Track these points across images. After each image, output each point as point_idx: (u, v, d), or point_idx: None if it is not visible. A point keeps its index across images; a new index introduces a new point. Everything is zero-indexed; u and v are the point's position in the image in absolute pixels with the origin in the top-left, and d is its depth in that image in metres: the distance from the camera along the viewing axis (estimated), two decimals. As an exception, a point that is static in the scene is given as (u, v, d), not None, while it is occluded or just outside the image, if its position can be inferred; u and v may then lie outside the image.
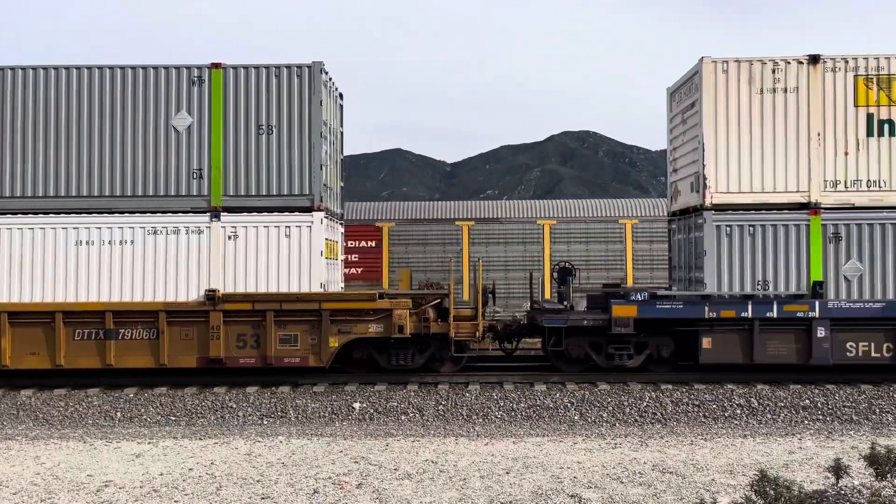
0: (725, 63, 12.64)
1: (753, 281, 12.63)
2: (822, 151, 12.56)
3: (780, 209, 12.62)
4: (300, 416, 12.15)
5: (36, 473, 8.83)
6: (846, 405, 12.05)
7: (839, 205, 12.58)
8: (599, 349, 13.29)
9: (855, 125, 12.57)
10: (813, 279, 12.51)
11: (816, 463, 8.96)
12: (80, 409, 12.36)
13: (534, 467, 8.80)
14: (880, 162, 12.54)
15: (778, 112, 12.57)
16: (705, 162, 12.63)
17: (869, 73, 12.54)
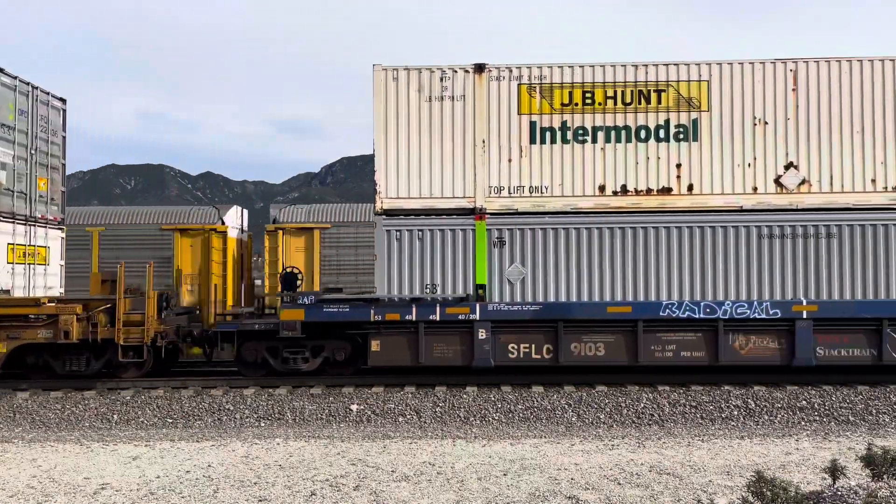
0: (396, 71, 12.85)
1: (422, 284, 12.79)
2: (486, 158, 12.80)
3: (449, 214, 12.82)
4: (297, 418, 12.14)
5: (32, 476, 8.81)
6: (843, 406, 12.08)
7: (503, 210, 12.81)
8: (276, 353, 13.34)
9: (518, 133, 12.83)
10: (477, 282, 12.71)
11: (813, 464, 8.97)
12: (77, 412, 12.34)
13: (531, 469, 8.80)
14: (542, 169, 12.80)
15: (446, 119, 12.83)
16: (376, 168, 12.86)
17: (532, 81, 12.82)
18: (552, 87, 12.78)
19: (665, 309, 12.58)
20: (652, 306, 12.63)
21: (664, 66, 12.79)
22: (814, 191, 12.68)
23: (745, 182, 12.70)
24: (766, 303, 12.57)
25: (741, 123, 12.73)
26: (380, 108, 12.85)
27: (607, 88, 12.78)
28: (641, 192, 12.74)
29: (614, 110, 12.77)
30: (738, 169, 12.70)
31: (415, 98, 12.81)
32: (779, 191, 12.68)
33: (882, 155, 12.63)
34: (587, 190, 12.77)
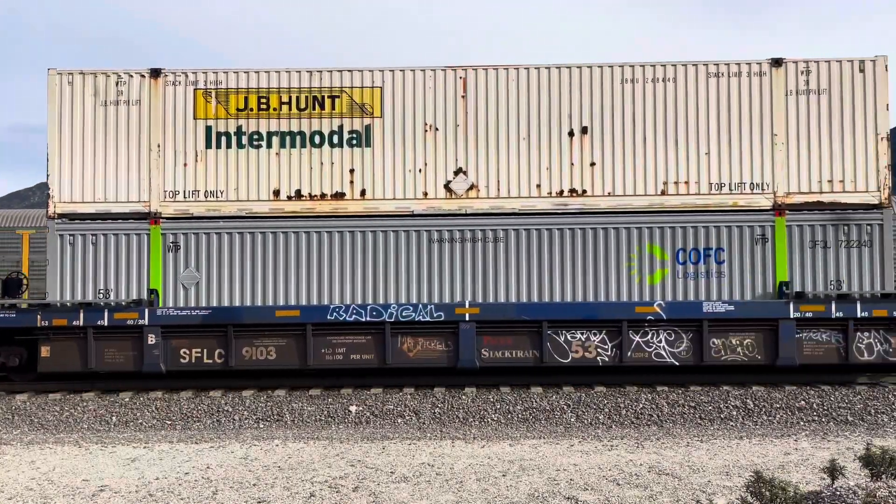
0: (71, 75, 12.92)
1: (95, 289, 12.82)
2: (162, 163, 12.90)
3: (125, 219, 12.88)
4: (296, 419, 12.14)
5: (31, 478, 8.80)
6: (841, 406, 12.09)
7: (179, 215, 12.87)
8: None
9: (195, 137, 12.92)
10: (151, 287, 12.82)
11: (812, 464, 8.98)
12: (76, 414, 12.33)
13: (530, 470, 8.80)
14: (218, 173, 12.88)
15: (121, 124, 12.91)
16: (49, 171, 12.88)
17: (208, 87, 12.93)
18: (227, 92, 12.93)
19: (333, 313, 12.67)
20: (320, 310, 12.70)
21: (338, 73, 12.95)
22: (482, 196, 12.86)
23: (417, 187, 12.87)
24: (430, 306, 12.69)
25: (413, 129, 12.89)
26: (54, 111, 12.93)
27: (282, 94, 12.93)
28: (315, 197, 12.86)
29: (289, 116, 12.92)
30: (409, 174, 12.87)
31: (90, 102, 12.92)
32: (448, 196, 12.83)
33: (547, 161, 12.79)
34: (262, 195, 12.88)
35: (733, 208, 12.71)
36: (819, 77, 12.73)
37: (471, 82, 12.87)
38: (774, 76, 12.73)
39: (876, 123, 12.65)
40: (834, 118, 12.72)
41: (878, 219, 12.61)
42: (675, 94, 12.79)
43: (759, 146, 12.74)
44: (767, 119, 12.74)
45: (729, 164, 12.73)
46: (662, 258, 12.73)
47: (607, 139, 12.80)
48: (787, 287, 12.55)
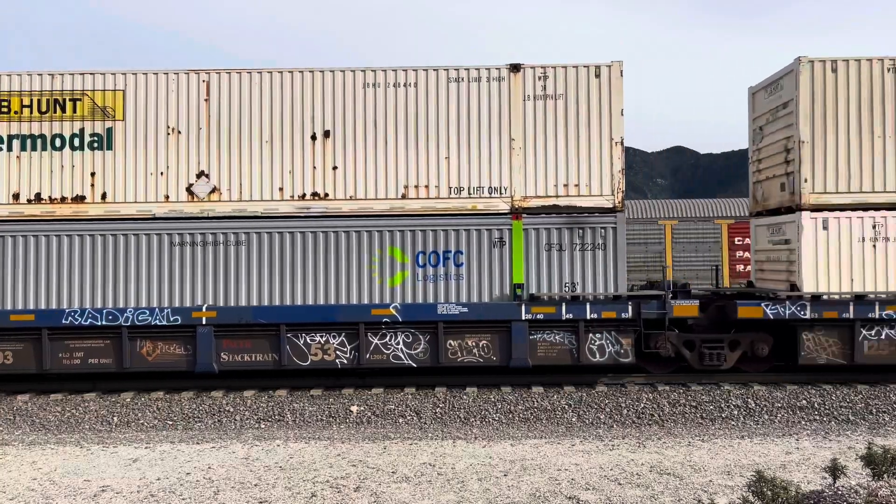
0: None
1: None
2: None
3: None
4: (297, 419, 12.14)
5: (33, 479, 8.81)
6: (843, 405, 12.08)
7: None
8: None
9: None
10: None
11: (813, 463, 8.98)
12: (77, 414, 12.34)
13: (531, 469, 8.80)
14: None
15: None
16: None
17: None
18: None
19: (68, 317, 12.61)
20: (56, 314, 12.63)
21: (80, 76, 12.89)
22: (224, 199, 12.82)
23: (159, 190, 12.82)
24: (167, 310, 12.66)
25: (155, 132, 12.84)
26: None
27: (24, 97, 12.84)
28: (56, 201, 12.77)
29: (30, 119, 12.83)
30: (151, 177, 12.82)
31: None
32: (190, 199, 12.79)
33: (290, 164, 12.82)
34: (2, 198, 12.81)
35: (472, 212, 12.78)
36: (556, 82, 12.78)
37: (214, 86, 12.88)
38: (513, 81, 12.81)
39: (611, 128, 12.74)
40: (570, 123, 12.77)
41: (611, 222, 12.70)
42: (416, 99, 12.82)
43: (497, 151, 12.79)
44: (506, 124, 12.79)
45: (468, 169, 12.80)
46: (403, 261, 12.79)
47: (349, 143, 12.83)
48: (520, 289, 12.66)
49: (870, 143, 12.72)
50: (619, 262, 12.71)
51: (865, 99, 12.74)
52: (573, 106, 12.77)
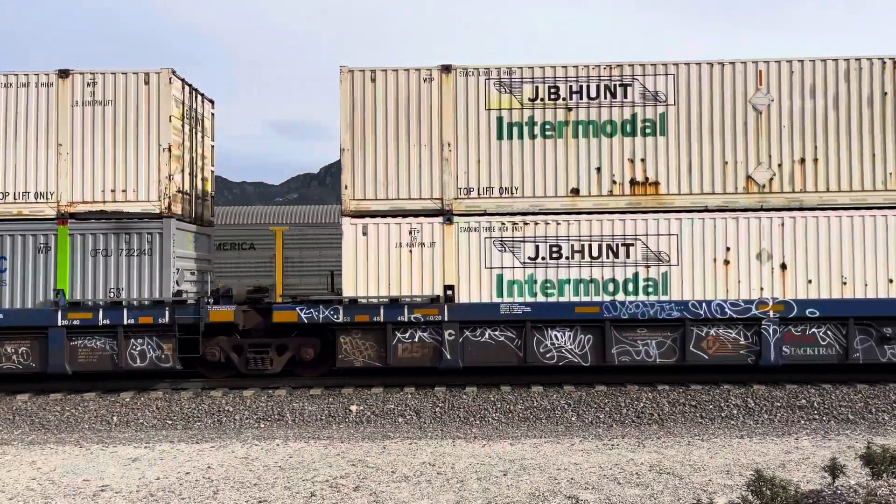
0: None
1: None
2: None
3: None
4: (297, 419, 12.14)
5: (32, 478, 8.81)
6: (842, 405, 12.08)
7: None
8: None
9: None
10: None
11: (813, 463, 8.98)
12: (77, 414, 12.34)
13: (531, 469, 8.80)
14: None
15: None
16: None
17: None
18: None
19: None
20: None
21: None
22: None
23: None
24: None
25: None
26: None
27: None
28: None
29: None
30: None
31: None
32: None
33: None
34: None
35: (18, 217, 12.83)
36: (105, 88, 12.87)
37: None
38: (61, 87, 12.89)
39: (159, 135, 12.83)
40: (119, 129, 12.85)
41: (158, 228, 12.79)
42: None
43: (45, 156, 12.88)
44: (54, 129, 12.86)
45: (14, 173, 12.87)
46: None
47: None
48: (60, 295, 12.69)
49: (407, 151, 12.79)
50: (164, 267, 12.75)
51: (403, 108, 12.82)
52: (122, 112, 12.90)
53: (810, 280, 12.64)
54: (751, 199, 12.71)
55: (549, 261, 12.72)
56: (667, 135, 12.76)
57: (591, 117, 12.77)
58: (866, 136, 12.70)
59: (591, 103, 12.81)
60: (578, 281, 12.72)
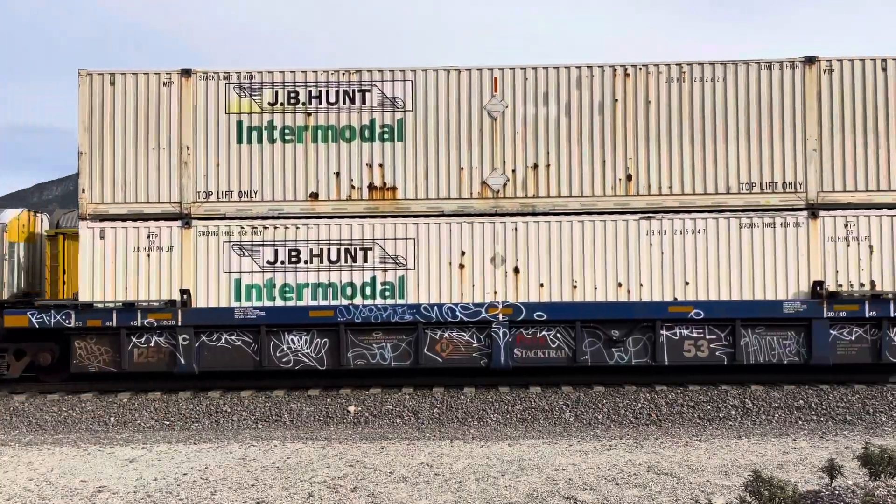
0: None
1: None
2: None
3: None
4: (295, 419, 12.13)
5: (29, 479, 8.79)
6: (840, 406, 12.09)
7: None
8: None
9: None
10: None
11: (811, 463, 8.98)
12: (74, 415, 12.31)
13: (529, 469, 8.80)
14: None
15: None
16: None
17: None
18: None
19: None
20: None
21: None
22: None
23: None
24: None
25: None
26: None
27: None
28: None
29: None
30: None
31: None
32: None
33: None
34: None
35: None
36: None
37: None
38: None
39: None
40: None
41: None
42: None
43: None
44: None
45: None
46: None
47: None
48: None
49: (146, 155, 12.80)
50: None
51: (143, 111, 12.83)
52: None
53: (542, 284, 12.76)
54: (485, 205, 12.83)
55: (288, 265, 12.77)
56: (405, 140, 12.86)
57: (331, 122, 12.86)
58: (597, 142, 12.85)
59: (331, 108, 12.90)
60: (317, 285, 12.77)
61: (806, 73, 12.83)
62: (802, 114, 12.79)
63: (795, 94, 12.79)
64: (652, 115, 12.81)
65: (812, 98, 12.80)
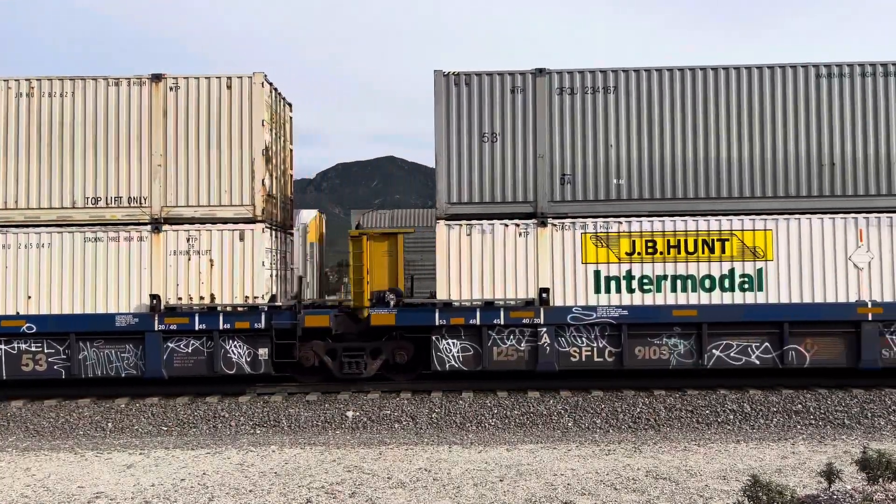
0: None
1: None
2: None
3: None
4: (293, 425, 12.11)
5: (26, 485, 8.77)
6: (838, 410, 12.09)
7: None
8: None
9: None
10: None
11: (809, 468, 8.98)
12: (71, 420, 12.29)
13: (527, 474, 8.79)
14: None
15: None
16: None
17: None
18: None
19: None
20: None
21: None
22: None
23: None
24: None
25: None
26: None
27: None
28: None
29: None
30: None
31: None
32: None
33: None
34: None
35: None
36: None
37: None
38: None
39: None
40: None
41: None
42: None
43: None
44: None
45: None
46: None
47: None
48: None
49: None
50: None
51: None
52: None
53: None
54: None
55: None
56: None
57: None
58: None
59: None
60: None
61: (153, 90, 13.00)
62: (149, 130, 12.94)
63: (143, 111, 12.96)
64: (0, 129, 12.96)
65: (159, 114, 12.94)
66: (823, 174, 12.78)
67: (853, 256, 12.70)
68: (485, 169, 12.95)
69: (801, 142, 12.80)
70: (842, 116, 12.84)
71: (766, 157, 12.79)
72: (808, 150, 12.79)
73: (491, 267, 12.83)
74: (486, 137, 12.94)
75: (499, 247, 12.85)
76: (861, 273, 12.72)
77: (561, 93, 12.92)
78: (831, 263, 12.71)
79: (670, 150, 12.83)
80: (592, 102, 12.92)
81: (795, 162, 12.79)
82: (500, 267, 12.84)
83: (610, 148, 12.87)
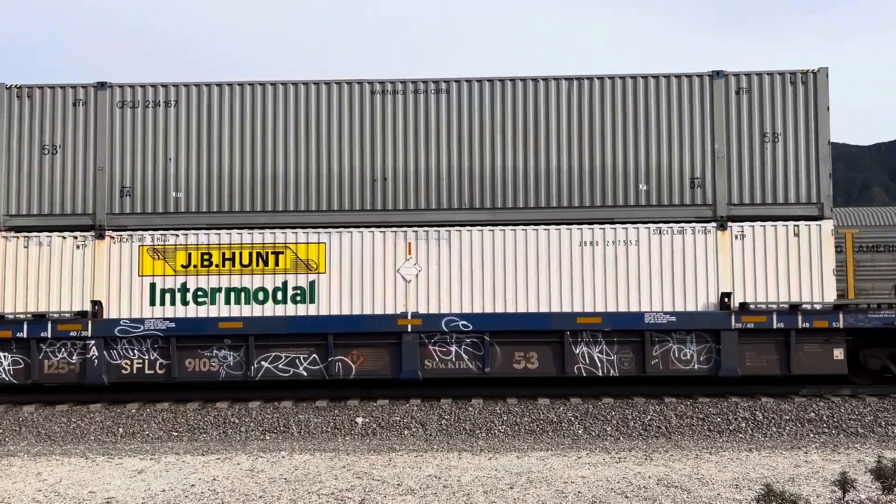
0: None
1: None
2: None
3: None
4: (303, 431, 12.11)
5: (38, 490, 8.80)
6: (852, 418, 11.99)
7: None
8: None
9: None
10: None
11: (822, 477, 8.89)
12: (83, 425, 12.34)
13: (538, 482, 8.75)
14: None
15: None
16: None
17: None
18: None
19: None
20: None
21: None
22: None
23: None
24: None
25: None
26: None
27: None
28: None
29: None
30: None
31: None
32: None
33: None
34: None
35: None
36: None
37: None
38: None
39: None
40: None
41: None
42: None
43: None
44: None
45: None
46: None
47: None
48: None
49: None
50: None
51: None
52: None
53: None
54: None
55: None
56: None
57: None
58: None
59: None
60: None
61: None
62: None
63: None
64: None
65: None
66: (376, 188, 12.98)
67: (401, 269, 12.84)
68: (44, 181, 13.08)
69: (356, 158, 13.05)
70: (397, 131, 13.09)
71: (322, 173, 13.02)
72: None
73: (47, 279, 12.88)
74: (46, 150, 13.06)
75: (55, 259, 12.90)
76: (409, 285, 12.84)
77: (122, 106, 13.10)
78: (381, 276, 12.86)
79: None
80: (153, 116, 13.10)
81: (350, 176, 13.02)
82: (56, 279, 12.89)
83: (169, 161, 13.01)
